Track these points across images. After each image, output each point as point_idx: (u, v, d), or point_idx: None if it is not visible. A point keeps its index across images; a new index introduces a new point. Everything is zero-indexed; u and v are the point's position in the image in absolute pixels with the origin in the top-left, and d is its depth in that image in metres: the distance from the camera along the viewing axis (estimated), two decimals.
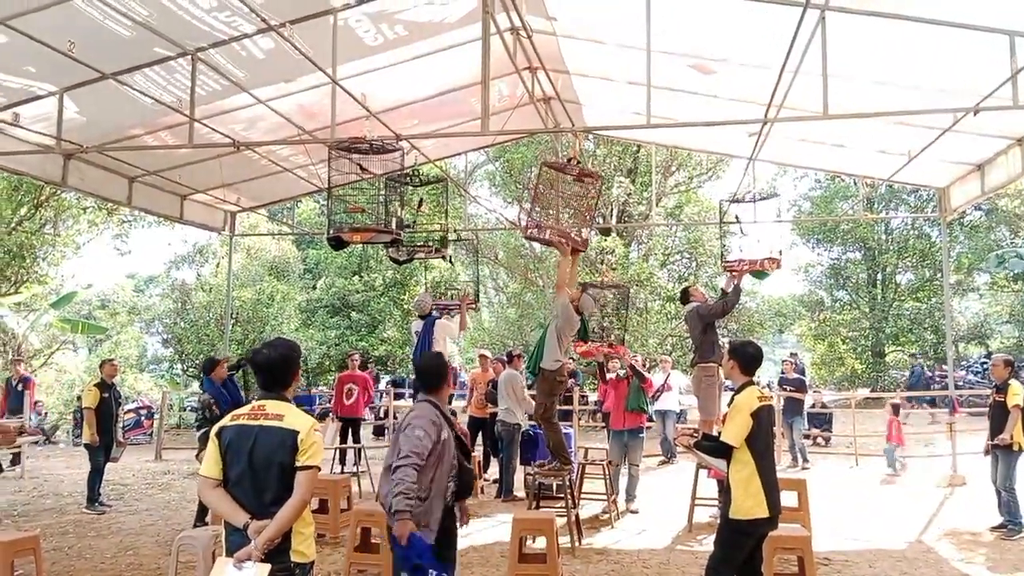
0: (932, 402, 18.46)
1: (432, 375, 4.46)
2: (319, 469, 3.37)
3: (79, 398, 17.13)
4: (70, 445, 17.26)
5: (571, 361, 11.92)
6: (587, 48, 8.69)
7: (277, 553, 3.22)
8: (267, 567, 3.13)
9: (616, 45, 8.24)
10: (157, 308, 27.82)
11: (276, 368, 3.49)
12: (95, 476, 9.52)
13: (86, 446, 9.57)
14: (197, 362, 24.86)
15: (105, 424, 9.48)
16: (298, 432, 3.28)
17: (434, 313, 8.96)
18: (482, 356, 12.25)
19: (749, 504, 4.45)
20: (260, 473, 3.27)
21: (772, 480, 4.55)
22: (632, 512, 8.90)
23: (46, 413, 18.88)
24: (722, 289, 8.51)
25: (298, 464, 3.26)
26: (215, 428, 3.44)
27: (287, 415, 3.34)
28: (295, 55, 6.93)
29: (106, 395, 9.50)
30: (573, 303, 7.34)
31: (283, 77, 8.12)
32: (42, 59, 6.68)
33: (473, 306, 10.11)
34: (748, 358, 4.75)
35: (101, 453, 9.48)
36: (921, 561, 6.88)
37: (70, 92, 7.58)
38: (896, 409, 12.24)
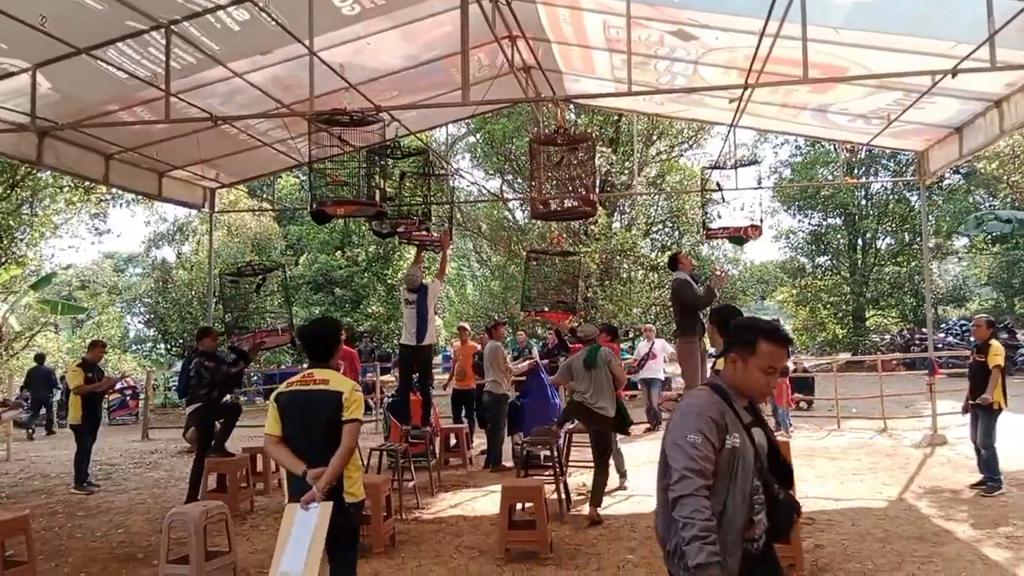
0: (912, 364, 18.75)
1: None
2: (361, 423, 3.98)
3: (62, 379, 17.06)
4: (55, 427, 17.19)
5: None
6: (566, 16, 8.61)
7: (333, 494, 3.83)
8: (330, 504, 3.77)
9: (596, 12, 8.17)
10: (138, 287, 27.59)
11: (322, 341, 4.16)
12: (82, 456, 9.51)
13: (72, 427, 9.59)
14: (181, 341, 24.82)
15: (91, 404, 9.50)
16: (342, 392, 3.91)
17: (424, 281, 8.98)
18: (461, 328, 12.54)
19: None
20: (312, 429, 3.89)
21: None
22: (623, 488, 8.77)
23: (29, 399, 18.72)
24: (707, 284, 8.18)
25: (344, 418, 3.88)
26: (273, 394, 4.05)
27: (332, 380, 3.97)
28: (271, 26, 6.83)
29: (90, 375, 9.53)
30: None
31: (259, 49, 7.98)
32: (13, 34, 6.52)
33: (451, 242, 10.25)
34: (728, 322, 4.81)
35: (88, 433, 9.49)
36: (903, 518, 7.02)
37: (43, 68, 7.42)
38: (785, 371, 12.52)
